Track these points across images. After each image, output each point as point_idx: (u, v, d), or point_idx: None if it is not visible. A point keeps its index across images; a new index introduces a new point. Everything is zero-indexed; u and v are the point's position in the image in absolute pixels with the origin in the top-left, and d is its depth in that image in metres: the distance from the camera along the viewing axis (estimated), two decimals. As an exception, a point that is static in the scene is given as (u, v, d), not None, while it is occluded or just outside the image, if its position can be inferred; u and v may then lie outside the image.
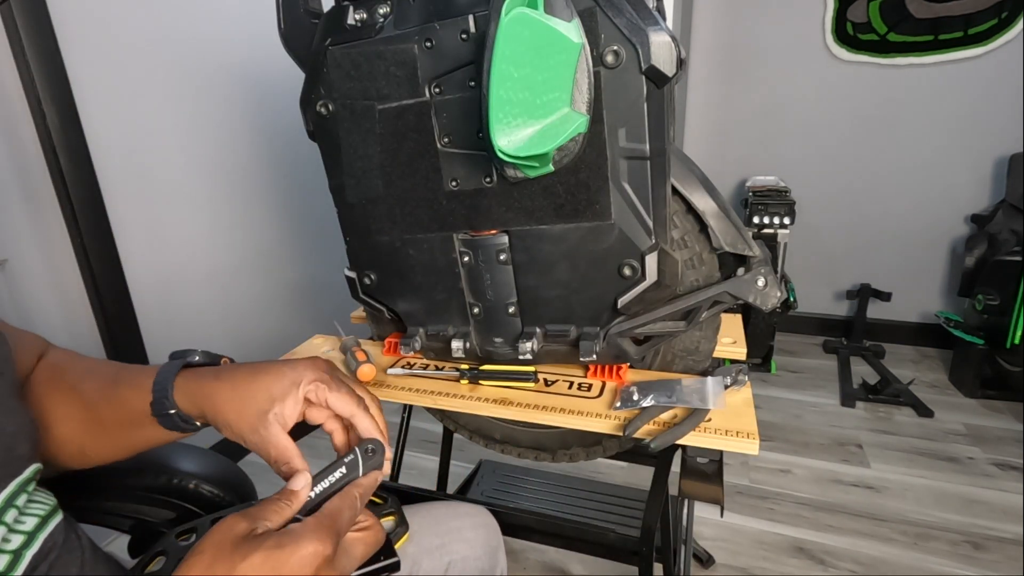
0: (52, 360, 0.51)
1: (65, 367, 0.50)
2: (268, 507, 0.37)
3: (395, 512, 0.51)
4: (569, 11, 0.44)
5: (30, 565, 0.36)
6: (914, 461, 1.58)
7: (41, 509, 0.39)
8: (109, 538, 1.14)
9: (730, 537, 1.33)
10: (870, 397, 1.88)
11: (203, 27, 1.40)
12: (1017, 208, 1.86)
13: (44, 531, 0.38)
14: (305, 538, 0.34)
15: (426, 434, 1.75)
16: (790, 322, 2.42)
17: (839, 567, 1.23)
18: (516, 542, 1.28)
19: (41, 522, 0.38)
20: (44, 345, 0.52)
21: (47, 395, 0.47)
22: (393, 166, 0.57)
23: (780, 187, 2.00)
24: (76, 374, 0.49)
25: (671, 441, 0.53)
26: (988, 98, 1.97)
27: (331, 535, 0.35)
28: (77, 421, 0.47)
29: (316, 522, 0.35)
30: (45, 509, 0.40)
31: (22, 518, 0.37)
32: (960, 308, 2.10)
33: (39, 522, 0.38)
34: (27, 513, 0.38)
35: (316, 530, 0.34)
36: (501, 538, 0.70)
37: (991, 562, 1.23)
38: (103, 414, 0.47)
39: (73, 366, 0.50)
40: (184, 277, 1.44)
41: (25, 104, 1.08)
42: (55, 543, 0.38)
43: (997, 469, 1.53)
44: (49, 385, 0.48)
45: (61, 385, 0.48)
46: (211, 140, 1.46)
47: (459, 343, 0.63)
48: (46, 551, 0.37)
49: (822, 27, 2.08)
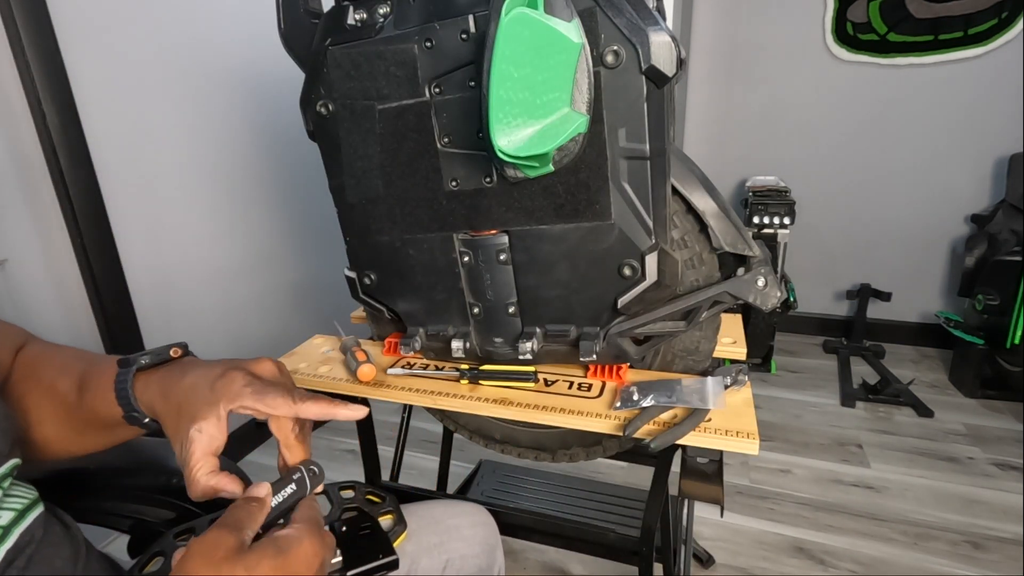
0: (29, 356, 0.50)
1: (41, 364, 0.49)
2: (242, 515, 0.36)
3: (393, 511, 0.51)
4: (569, 11, 0.44)
5: (4, 559, 0.36)
6: (914, 461, 1.58)
7: (18, 503, 0.39)
8: (109, 538, 1.14)
9: (730, 537, 1.32)
10: (870, 397, 1.88)
11: (203, 27, 1.40)
12: (1017, 208, 1.86)
13: (20, 525, 0.38)
14: (305, 539, 0.35)
15: (426, 434, 1.75)
16: (790, 322, 2.42)
17: (839, 567, 1.23)
18: (516, 542, 1.28)
19: (18, 516, 0.38)
20: (24, 337, 0.51)
21: (26, 395, 0.47)
22: (393, 166, 0.57)
23: (780, 187, 2.00)
24: (51, 372, 0.48)
25: (671, 441, 0.53)
26: (988, 98, 1.97)
27: (323, 535, 0.36)
28: (55, 421, 0.47)
29: (307, 525, 0.36)
30: (23, 503, 0.39)
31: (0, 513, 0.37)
32: (960, 308, 2.10)
33: (15, 516, 0.38)
34: (3, 508, 0.38)
35: (311, 531, 0.35)
36: (499, 536, 0.70)
37: (991, 562, 1.23)
38: (77, 416, 0.47)
39: (50, 362, 0.49)
40: (184, 277, 1.44)
41: (25, 104, 1.08)
42: (33, 537, 0.38)
43: (997, 469, 1.53)
44: (27, 384, 0.48)
45: (39, 385, 0.48)
46: (211, 140, 1.46)
47: (459, 343, 0.63)
48: (22, 545, 0.37)
49: (822, 27, 2.08)
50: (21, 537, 0.37)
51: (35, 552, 0.38)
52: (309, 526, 0.36)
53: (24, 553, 0.37)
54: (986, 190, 2.06)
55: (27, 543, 0.38)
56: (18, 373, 0.49)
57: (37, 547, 0.38)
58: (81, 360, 0.49)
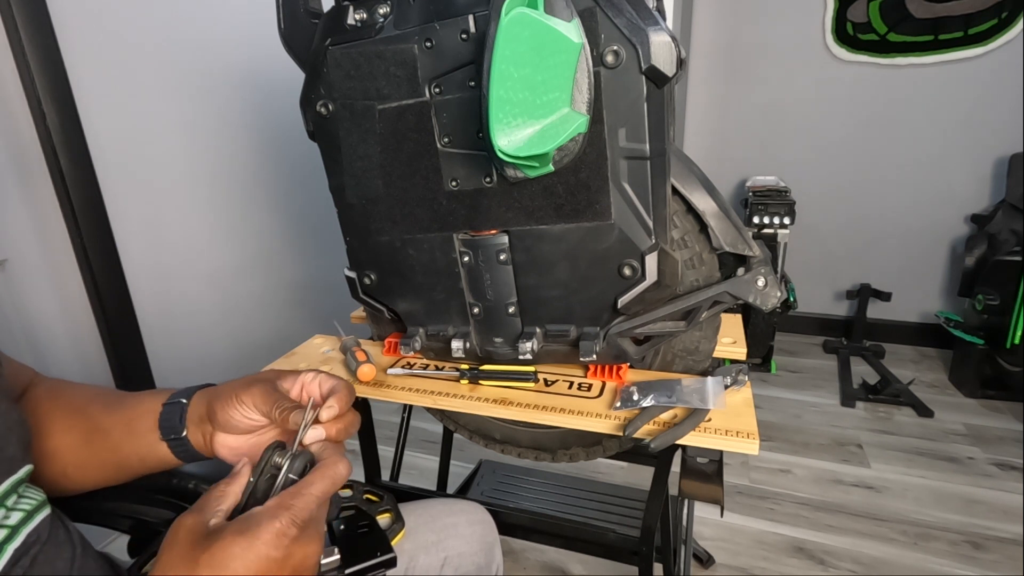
0: (50, 384, 0.52)
1: (66, 390, 0.51)
2: (208, 497, 0.36)
3: (391, 509, 0.51)
4: (569, 11, 0.44)
5: (11, 560, 0.36)
6: (914, 461, 1.58)
7: (28, 504, 0.39)
8: (109, 538, 1.14)
9: (730, 537, 1.32)
10: (870, 397, 1.88)
11: (203, 27, 1.40)
12: (1017, 208, 1.85)
13: (28, 526, 0.38)
14: (264, 518, 0.33)
15: (426, 434, 1.75)
16: (790, 322, 2.42)
17: (839, 567, 1.23)
18: (516, 542, 1.28)
19: (26, 516, 0.38)
20: (34, 375, 0.53)
21: (47, 412, 0.48)
22: (393, 166, 0.57)
23: (780, 187, 2.00)
24: (82, 396, 0.50)
25: (671, 441, 0.53)
26: (988, 98, 1.97)
27: (290, 512, 0.34)
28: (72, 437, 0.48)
29: (276, 502, 0.35)
30: (32, 504, 0.40)
31: (9, 514, 0.37)
32: (960, 308, 2.10)
33: (24, 516, 0.38)
34: (14, 509, 0.38)
35: (274, 510, 0.34)
36: (497, 535, 0.70)
37: (991, 562, 1.23)
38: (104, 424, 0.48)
39: (77, 389, 0.52)
40: (184, 277, 1.44)
41: (25, 104, 1.08)
42: (39, 538, 0.39)
43: (997, 469, 1.53)
44: (48, 403, 0.49)
45: (61, 403, 0.49)
46: (211, 140, 1.46)
47: (459, 343, 0.63)
48: (28, 545, 0.37)
49: (822, 27, 2.08)
50: (28, 537, 0.38)
51: (39, 553, 0.38)
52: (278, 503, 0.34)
53: (29, 553, 0.37)
54: (986, 190, 2.06)
55: (33, 543, 0.38)
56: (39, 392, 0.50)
57: (42, 548, 0.38)
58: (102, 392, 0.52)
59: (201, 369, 1.48)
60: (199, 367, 1.47)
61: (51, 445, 0.47)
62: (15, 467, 0.39)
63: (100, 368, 1.25)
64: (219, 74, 1.45)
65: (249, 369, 0.50)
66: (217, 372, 1.52)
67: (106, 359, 1.25)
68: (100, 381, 1.25)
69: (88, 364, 1.23)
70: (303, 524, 0.34)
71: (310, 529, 0.35)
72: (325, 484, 0.37)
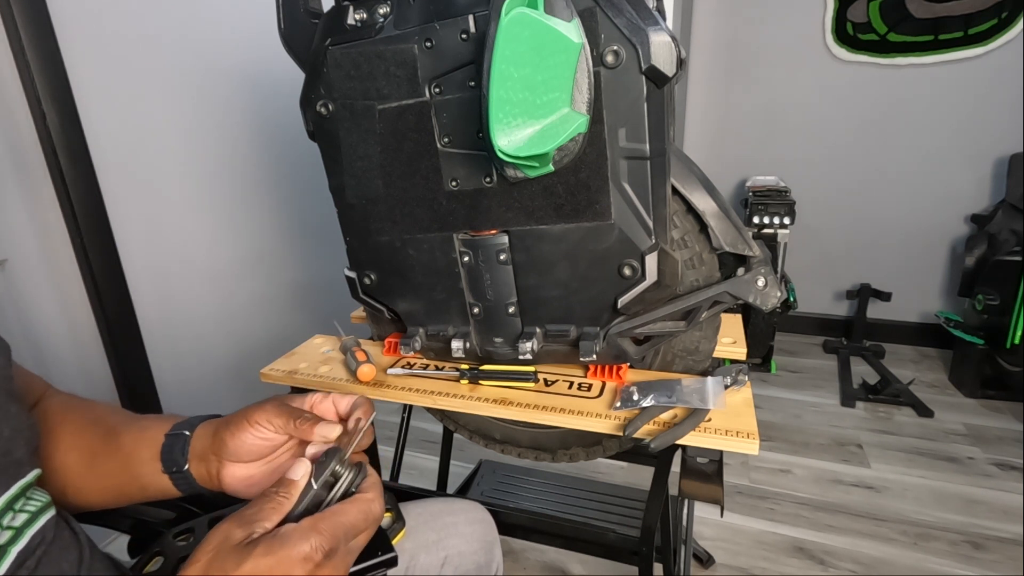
0: (61, 399, 0.52)
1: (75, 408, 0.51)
2: (263, 506, 0.36)
3: (391, 509, 0.51)
4: (569, 11, 0.44)
5: (16, 561, 0.36)
6: (914, 461, 1.58)
7: (33, 506, 0.39)
8: (109, 538, 1.14)
9: (730, 537, 1.32)
10: (870, 397, 1.88)
11: (203, 27, 1.40)
12: (1017, 208, 1.85)
13: (33, 527, 0.38)
14: (292, 541, 0.33)
15: (426, 434, 1.75)
16: (790, 322, 2.42)
17: (839, 567, 1.23)
18: (516, 542, 1.28)
19: (31, 518, 0.38)
20: (47, 387, 0.53)
21: (54, 428, 0.48)
22: (393, 166, 0.57)
23: (780, 187, 2.00)
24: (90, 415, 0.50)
25: (671, 441, 0.53)
26: (988, 98, 1.97)
27: (321, 536, 0.34)
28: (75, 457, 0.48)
29: (310, 523, 0.35)
30: (37, 506, 0.40)
31: (15, 516, 0.37)
32: (960, 308, 2.10)
33: (28, 518, 0.38)
34: (21, 511, 0.38)
35: (306, 532, 0.34)
36: (497, 534, 0.71)
37: (991, 562, 1.23)
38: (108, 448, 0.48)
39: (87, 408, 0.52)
40: (184, 277, 1.44)
41: (25, 104, 1.08)
42: (44, 539, 0.38)
43: (997, 469, 1.53)
44: (57, 416, 0.49)
45: (69, 419, 0.49)
46: (211, 140, 1.46)
47: (459, 343, 0.63)
48: (33, 547, 0.37)
49: (822, 27, 2.08)
50: (32, 539, 0.38)
51: (45, 554, 0.38)
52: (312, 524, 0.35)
53: (35, 555, 0.37)
54: (986, 190, 2.06)
55: (38, 544, 0.38)
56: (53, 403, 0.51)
57: (47, 549, 0.38)
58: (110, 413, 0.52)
59: (201, 368, 1.48)
60: (199, 367, 1.48)
61: (54, 464, 0.47)
62: (23, 471, 0.39)
63: (100, 368, 1.25)
64: (219, 74, 1.45)
65: (249, 369, 0.51)
66: (217, 372, 1.52)
67: (106, 359, 1.25)
68: (100, 381, 1.25)
69: (88, 364, 1.23)
70: (329, 551, 0.34)
71: (336, 558, 0.35)
72: (357, 519, 0.37)
